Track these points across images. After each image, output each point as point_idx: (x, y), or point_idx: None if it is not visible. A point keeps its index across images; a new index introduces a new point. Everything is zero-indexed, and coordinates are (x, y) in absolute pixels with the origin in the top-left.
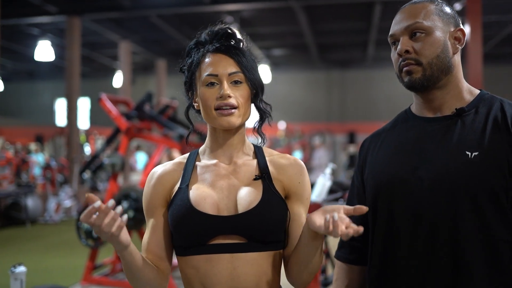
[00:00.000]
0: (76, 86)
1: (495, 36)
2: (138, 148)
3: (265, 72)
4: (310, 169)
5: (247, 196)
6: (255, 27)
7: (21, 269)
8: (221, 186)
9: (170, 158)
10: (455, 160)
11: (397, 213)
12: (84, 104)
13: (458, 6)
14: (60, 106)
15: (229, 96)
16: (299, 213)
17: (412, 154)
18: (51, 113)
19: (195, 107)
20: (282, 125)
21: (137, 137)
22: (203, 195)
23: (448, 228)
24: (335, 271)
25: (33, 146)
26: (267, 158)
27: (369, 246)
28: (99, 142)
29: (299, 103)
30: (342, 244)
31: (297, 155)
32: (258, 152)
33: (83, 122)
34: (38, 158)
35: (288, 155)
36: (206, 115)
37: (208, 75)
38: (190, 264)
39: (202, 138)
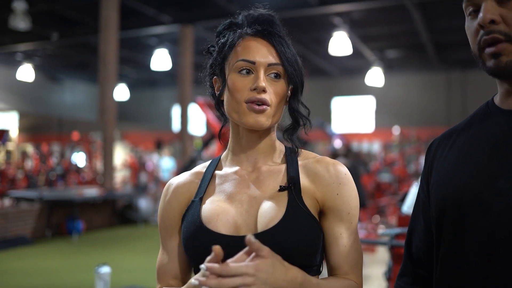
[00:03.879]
0: (188, 92)
1: None
2: None
3: (378, 76)
4: None
5: (268, 211)
6: (366, 27)
7: (106, 270)
8: (241, 199)
9: None
10: None
11: (466, 239)
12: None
13: None
14: (175, 112)
15: (264, 91)
16: (338, 234)
17: (489, 159)
18: (168, 119)
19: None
20: (396, 130)
21: None
22: (217, 210)
23: None
24: None
25: (159, 151)
26: (300, 163)
27: (433, 278)
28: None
29: (414, 106)
30: (404, 271)
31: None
32: (289, 157)
33: (198, 127)
34: (160, 162)
35: (327, 159)
36: (233, 108)
37: (244, 60)
38: None
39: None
